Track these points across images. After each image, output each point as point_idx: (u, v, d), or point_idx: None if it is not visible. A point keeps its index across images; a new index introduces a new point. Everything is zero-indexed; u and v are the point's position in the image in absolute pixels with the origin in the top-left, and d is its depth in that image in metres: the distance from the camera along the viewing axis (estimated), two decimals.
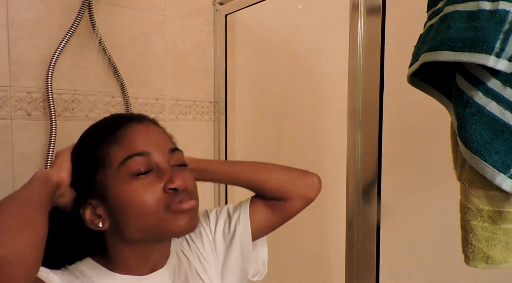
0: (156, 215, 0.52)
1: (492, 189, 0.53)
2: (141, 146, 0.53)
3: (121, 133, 0.54)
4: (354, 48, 0.84)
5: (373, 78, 0.80)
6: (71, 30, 0.97)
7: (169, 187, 0.52)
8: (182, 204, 0.53)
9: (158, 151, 0.54)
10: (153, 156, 0.53)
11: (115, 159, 0.53)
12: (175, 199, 0.52)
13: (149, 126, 0.57)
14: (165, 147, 0.56)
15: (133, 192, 0.51)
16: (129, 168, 0.52)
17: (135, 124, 0.56)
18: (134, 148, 0.53)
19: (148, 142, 0.54)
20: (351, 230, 0.86)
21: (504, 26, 0.49)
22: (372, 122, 0.81)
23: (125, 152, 0.53)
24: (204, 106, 1.33)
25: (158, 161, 0.54)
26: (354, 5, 0.84)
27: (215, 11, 1.33)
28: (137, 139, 0.54)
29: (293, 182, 0.67)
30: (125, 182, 0.52)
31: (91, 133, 0.58)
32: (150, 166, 0.53)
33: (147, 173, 0.52)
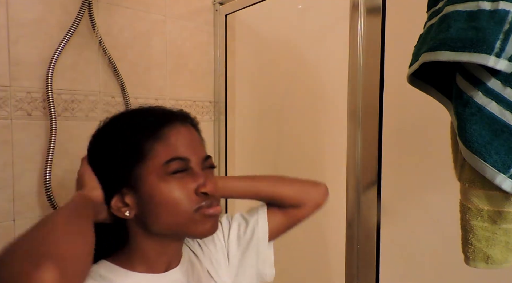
0: (187, 214, 0.55)
1: (492, 189, 0.53)
2: (184, 150, 0.56)
3: (166, 132, 0.56)
4: (354, 48, 0.84)
5: (373, 78, 0.80)
6: (71, 30, 0.97)
7: (202, 190, 0.55)
8: (210, 209, 0.56)
9: (196, 157, 0.57)
10: (191, 161, 0.57)
11: (158, 157, 0.55)
12: (205, 201, 0.56)
13: (191, 131, 0.60)
14: (202, 153, 0.59)
15: (170, 189, 0.54)
16: (168, 168, 0.55)
17: (180, 125, 0.58)
18: (178, 151, 0.56)
19: (190, 147, 0.57)
20: (351, 230, 0.86)
21: (504, 26, 0.49)
22: (372, 122, 0.81)
23: (169, 153, 0.55)
24: (204, 106, 1.33)
25: (194, 165, 0.57)
26: (354, 5, 0.84)
27: (215, 11, 1.33)
28: (180, 143, 0.56)
29: (306, 191, 0.74)
30: (163, 179, 0.54)
31: (129, 125, 0.58)
32: (186, 169, 0.56)
33: (183, 171, 0.55)
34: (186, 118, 0.61)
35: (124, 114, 0.61)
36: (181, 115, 0.61)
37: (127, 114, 0.61)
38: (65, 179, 0.99)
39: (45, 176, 0.92)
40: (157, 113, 0.59)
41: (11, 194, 0.91)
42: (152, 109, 0.61)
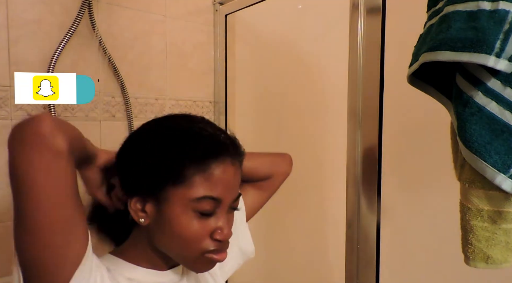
0: (193, 254, 0.54)
1: (492, 189, 0.53)
2: (221, 191, 0.54)
3: (212, 167, 0.53)
4: (354, 48, 0.84)
5: (373, 78, 0.80)
6: (71, 30, 0.97)
7: (216, 237, 0.54)
8: (218, 255, 0.55)
9: (229, 198, 0.55)
10: (223, 202, 0.54)
11: (194, 189, 0.52)
12: (217, 247, 0.55)
13: (236, 170, 0.57)
14: (234, 195, 0.57)
15: (188, 226, 0.53)
16: (199, 205, 0.52)
17: (228, 163, 0.55)
18: (214, 191, 0.53)
19: (228, 188, 0.55)
20: (351, 230, 0.86)
21: (504, 26, 0.49)
22: (372, 122, 0.81)
23: (205, 190, 0.52)
24: (204, 106, 1.33)
25: (223, 206, 0.55)
26: (354, 5, 0.84)
27: (215, 11, 1.33)
28: (221, 183, 0.54)
29: (275, 162, 0.78)
30: (187, 213, 0.52)
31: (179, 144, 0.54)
32: (215, 209, 0.54)
33: (209, 215, 0.54)
34: (238, 155, 0.58)
35: (178, 127, 0.57)
36: (234, 150, 0.57)
37: (182, 128, 0.57)
38: None
39: None
40: (212, 140, 0.55)
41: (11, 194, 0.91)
42: (209, 133, 0.56)
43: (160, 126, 0.58)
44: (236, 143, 0.59)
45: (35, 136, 0.42)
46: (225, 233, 0.54)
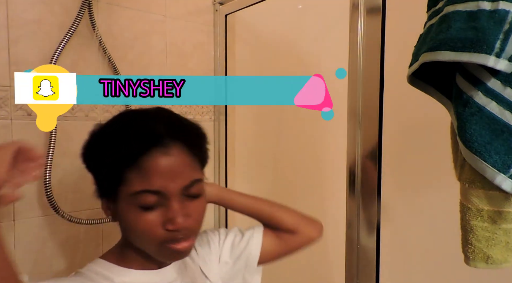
0: (152, 247, 0.56)
1: (492, 189, 0.53)
2: (158, 183, 0.53)
3: (144, 161, 0.53)
4: (354, 48, 0.84)
5: (373, 78, 0.80)
6: (71, 30, 0.97)
7: (168, 228, 0.54)
8: (176, 245, 0.55)
9: (173, 187, 0.54)
10: (166, 193, 0.54)
11: (131, 186, 0.54)
12: (172, 237, 0.55)
13: (174, 156, 0.55)
14: (182, 182, 0.55)
15: (136, 222, 0.54)
16: (138, 200, 0.53)
17: (160, 154, 0.54)
18: (150, 183, 0.53)
19: (166, 177, 0.54)
20: (351, 230, 0.86)
21: (504, 26, 0.49)
22: (372, 122, 0.81)
23: (141, 184, 0.53)
24: (204, 106, 1.33)
25: (169, 196, 0.54)
26: (354, 5, 0.84)
27: (215, 11, 1.33)
28: (156, 175, 0.53)
29: (304, 221, 0.78)
30: (132, 210, 0.54)
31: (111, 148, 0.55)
32: (159, 200, 0.54)
33: (153, 207, 0.54)
34: (171, 140, 0.55)
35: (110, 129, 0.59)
36: (163, 138, 0.55)
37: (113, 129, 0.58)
38: (65, 179, 0.99)
39: (45, 176, 0.92)
40: (139, 135, 0.55)
41: None
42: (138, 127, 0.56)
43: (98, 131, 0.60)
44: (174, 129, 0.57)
45: None
46: (178, 221, 0.53)
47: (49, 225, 0.97)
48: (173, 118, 0.61)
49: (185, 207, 0.55)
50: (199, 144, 0.61)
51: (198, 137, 0.62)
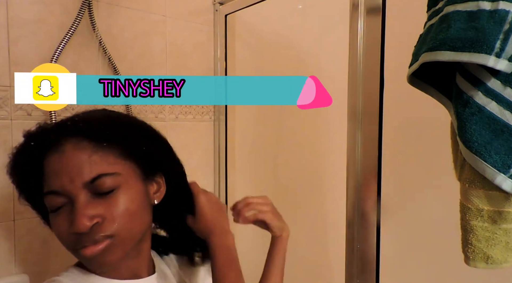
0: (72, 252, 0.53)
1: (492, 189, 0.53)
2: (56, 182, 0.51)
3: (44, 164, 0.53)
4: (354, 48, 0.84)
5: (373, 78, 0.80)
6: (71, 30, 0.97)
7: (70, 231, 0.50)
8: (83, 251, 0.50)
9: (70, 185, 0.50)
10: (65, 192, 0.51)
11: (43, 191, 0.53)
12: (78, 242, 0.50)
13: (66, 153, 0.51)
14: (82, 178, 0.50)
15: (52, 226, 0.53)
16: (47, 203, 0.52)
17: (52, 153, 0.52)
18: (49, 185, 0.52)
19: (62, 175, 0.51)
20: (351, 230, 0.86)
21: (504, 26, 0.49)
22: (372, 122, 0.81)
23: (45, 187, 0.53)
24: (204, 106, 1.33)
25: (71, 197, 0.51)
26: (354, 5, 0.84)
27: (215, 11, 1.33)
28: (53, 175, 0.51)
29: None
30: (50, 214, 0.53)
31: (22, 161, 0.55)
32: (64, 202, 0.51)
33: (59, 209, 0.51)
34: (69, 136, 0.52)
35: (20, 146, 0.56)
36: (56, 140, 0.52)
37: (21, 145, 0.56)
38: None
39: None
40: (36, 143, 0.54)
41: (11, 194, 0.91)
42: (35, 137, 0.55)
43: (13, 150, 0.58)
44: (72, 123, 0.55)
45: None
46: (77, 224, 0.48)
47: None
48: (81, 114, 0.59)
49: (93, 206, 0.50)
50: (111, 136, 0.54)
51: (110, 129, 0.55)
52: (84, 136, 0.52)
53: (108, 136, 0.54)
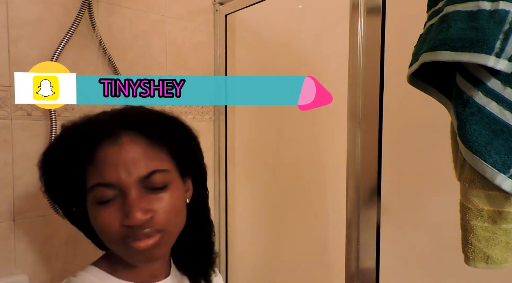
0: (116, 245, 0.52)
1: (492, 189, 0.53)
2: (110, 175, 0.50)
3: (94, 155, 0.52)
4: (354, 48, 0.84)
5: (373, 78, 0.80)
6: (71, 30, 0.97)
7: (125, 223, 0.50)
8: (136, 243, 0.50)
9: (127, 178, 0.51)
10: (120, 185, 0.51)
11: (88, 181, 0.53)
12: (131, 234, 0.50)
13: (125, 146, 0.52)
14: (139, 173, 0.51)
15: (98, 219, 0.51)
16: (94, 195, 0.51)
17: (108, 145, 0.52)
18: (101, 176, 0.51)
19: (118, 169, 0.51)
20: (351, 230, 0.86)
21: (504, 26, 0.49)
22: (372, 122, 0.81)
23: (94, 179, 0.51)
24: (204, 106, 1.33)
25: (125, 189, 0.51)
26: (354, 5, 0.84)
27: (215, 11, 1.33)
28: (107, 167, 0.51)
29: None
30: (92, 206, 0.52)
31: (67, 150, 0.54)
32: (115, 194, 0.51)
33: (109, 201, 0.51)
34: (126, 129, 0.53)
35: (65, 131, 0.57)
36: (116, 128, 0.53)
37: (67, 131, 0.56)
38: None
39: None
40: (88, 131, 0.54)
41: (11, 194, 0.91)
42: (83, 124, 0.55)
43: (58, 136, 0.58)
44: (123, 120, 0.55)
45: None
46: (134, 216, 0.49)
47: (49, 225, 0.97)
48: (131, 110, 0.60)
49: (146, 201, 0.51)
50: (165, 133, 0.56)
51: (163, 127, 0.57)
52: (139, 131, 0.53)
53: (161, 133, 0.55)
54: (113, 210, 0.51)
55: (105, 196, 0.51)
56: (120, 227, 0.50)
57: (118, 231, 0.50)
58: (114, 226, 0.50)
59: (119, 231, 0.50)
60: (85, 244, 0.62)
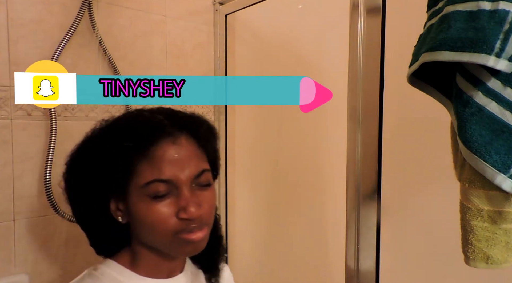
0: (165, 238, 0.54)
1: (492, 189, 0.53)
2: (168, 172, 0.54)
3: (152, 151, 0.54)
4: (354, 48, 0.84)
5: (373, 78, 0.80)
6: (71, 30, 0.97)
7: (182, 216, 0.53)
8: (190, 235, 0.54)
9: (183, 176, 0.55)
10: (176, 182, 0.54)
11: (141, 177, 0.54)
12: (186, 227, 0.54)
13: (182, 146, 0.56)
14: (192, 171, 0.56)
15: (149, 212, 0.54)
16: (149, 190, 0.53)
17: (168, 144, 0.55)
18: (160, 173, 0.54)
19: (175, 167, 0.54)
20: (351, 230, 0.86)
21: (504, 26, 0.49)
22: (372, 122, 0.81)
23: (151, 174, 0.54)
24: (204, 106, 1.33)
25: (180, 185, 0.54)
26: (354, 5, 0.84)
27: (215, 11, 1.33)
28: (165, 165, 0.54)
29: None
30: (144, 201, 0.54)
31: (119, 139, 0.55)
32: (170, 190, 0.54)
33: (165, 196, 0.54)
34: (178, 130, 0.57)
35: (116, 123, 0.59)
36: (174, 128, 0.57)
37: (119, 123, 0.59)
38: None
39: (45, 176, 0.92)
40: (146, 126, 0.56)
41: (11, 194, 0.91)
42: (143, 119, 0.58)
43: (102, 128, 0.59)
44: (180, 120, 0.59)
45: None
46: (191, 210, 0.53)
47: (49, 225, 0.97)
48: (178, 111, 0.63)
49: (196, 196, 0.56)
50: (205, 136, 0.61)
51: (204, 130, 0.61)
52: (189, 133, 0.58)
53: (204, 136, 0.60)
54: (167, 205, 0.54)
55: (161, 191, 0.53)
56: (174, 220, 0.53)
57: (173, 224, 0.53)
58: (169, 219, 0.53)
59: (175, 223, 0.53)
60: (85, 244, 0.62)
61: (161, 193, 0.53)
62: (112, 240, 0.61)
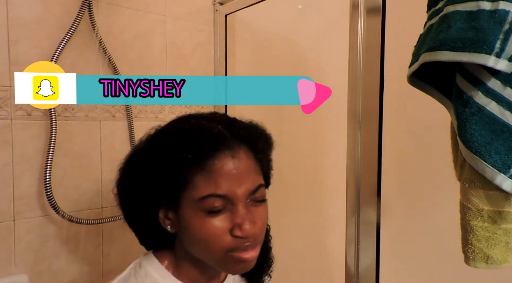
0: (217, 255, 0.53)
1: (492, 189, 0.53)
2: (225, 187, 0.51)
3: (210, 165, 0.52)
4: (354, 48, 0.84)
5: (373, 78, 0.80)
6: (71, 30, 0.97)
7: (236, 234, 0.51)
8: (244, 254, 0.52)
9: (239, 191, 0.52)
10: (233, 197, 0.52)
11: (197, 190, 0.52)
12: (239, 245, 0.52)
13: (242, 160, 0.53)
14: (249, 187, 0.53)
15: (202, 228, 0.52)
16: (204, 204, 0.51)
17: (227, 157, 0.52)
18: (217, 188, 0.51)
19: (234, 181, 0.52)
20: (351, 230, 0.86)
21: (504, 26, 0.49)
22: (372, 122, 0.81)
23: (207, 188, 0.51)
24: (204, 106, 1.33)
25: (236, 201, 0.52)
26: (354, 5, 0.84)
27: (215, 11, 1.33)
28: (223, 179, 0.52)
29: None
30: (198, 215, 0.52)
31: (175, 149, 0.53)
32: (225, 205, 0.52)
33: (220, 211, 0.52)
34: (237, 143, 0.54)
35: (173, 132, 0.56)
36: (233, 140, 0.54)
37: (176, 132, 0.56)
38: (65, 179, 0.99)
39: (45, 176, 0.92)
40: (204, 137, 0.53)
41: (11, 194, 0.91)
42: (201, 130, 0.54)
43: (157, 135, 0.57)
44: (241, 131, 0.56)
45: None
46: (246, 228, 0.51)
47: (49, 225, 0.97)
48: (237, 121, 0.59)
49: (251, 213, 0.53)
50: (262, 149, 0.59)
51: (262, 142, 0.59)
52: (248, 145, 0.55)
53: (262, 149, 0.58)
54: (222, 221, 0.51)
55: (217, 207, 0.51)
56: (228, 237, 0.51)
57: (227, 241, 0.51)
58: (223, 236, 0.51)
59: (227, 241, 0.51)
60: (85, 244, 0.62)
61: (217, 208, 0.51)
62: (157, 241, 0.60)
